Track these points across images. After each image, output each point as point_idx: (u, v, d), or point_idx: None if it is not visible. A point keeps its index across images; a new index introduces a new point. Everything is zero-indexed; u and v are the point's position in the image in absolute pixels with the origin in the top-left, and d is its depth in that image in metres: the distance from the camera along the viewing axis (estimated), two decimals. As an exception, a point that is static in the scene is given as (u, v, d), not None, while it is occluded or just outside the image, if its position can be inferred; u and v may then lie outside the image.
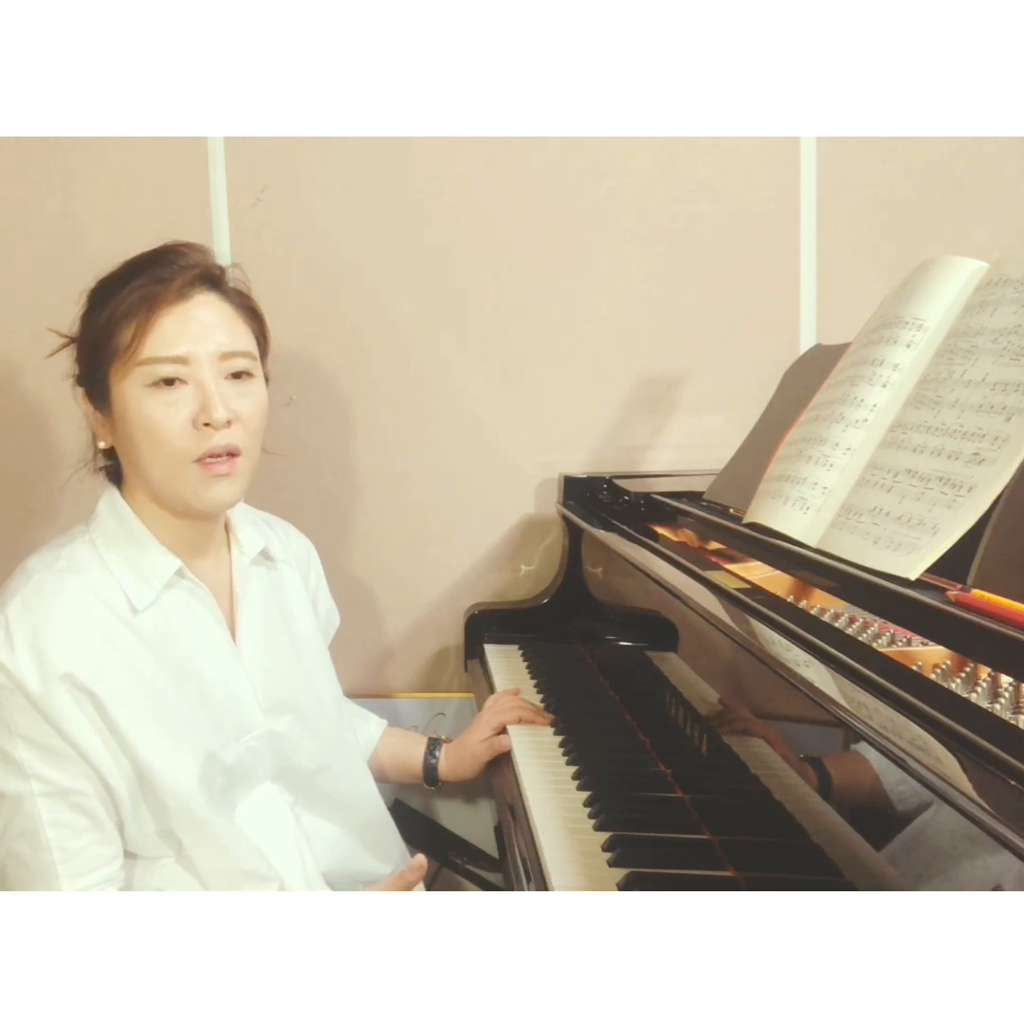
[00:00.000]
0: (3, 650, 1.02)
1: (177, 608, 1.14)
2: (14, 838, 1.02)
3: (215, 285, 1.14)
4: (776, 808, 0.92)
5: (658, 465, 1.90)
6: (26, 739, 1.01)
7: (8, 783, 1.02)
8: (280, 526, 1.39)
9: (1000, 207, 1.84)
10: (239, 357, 1.12)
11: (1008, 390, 0.94)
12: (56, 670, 1.02)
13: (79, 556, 1.11)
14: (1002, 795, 0.60)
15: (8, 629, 1.03)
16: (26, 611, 1.04)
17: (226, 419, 1.08)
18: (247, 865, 1.11)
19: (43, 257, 1.81)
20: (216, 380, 1.09)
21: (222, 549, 1.23)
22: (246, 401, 1.12)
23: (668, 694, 1.27)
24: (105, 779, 1.04)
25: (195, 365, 1.08)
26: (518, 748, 1.34)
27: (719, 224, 1.85)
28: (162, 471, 1.10)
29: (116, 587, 1.10)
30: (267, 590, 1.27)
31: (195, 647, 1.14)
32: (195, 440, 1.08)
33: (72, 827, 1.03)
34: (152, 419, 1.08)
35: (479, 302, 1.86)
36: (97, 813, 1.04)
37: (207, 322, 1.11)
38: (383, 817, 1.35)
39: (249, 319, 1.17)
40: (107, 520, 1.15)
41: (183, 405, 1.08)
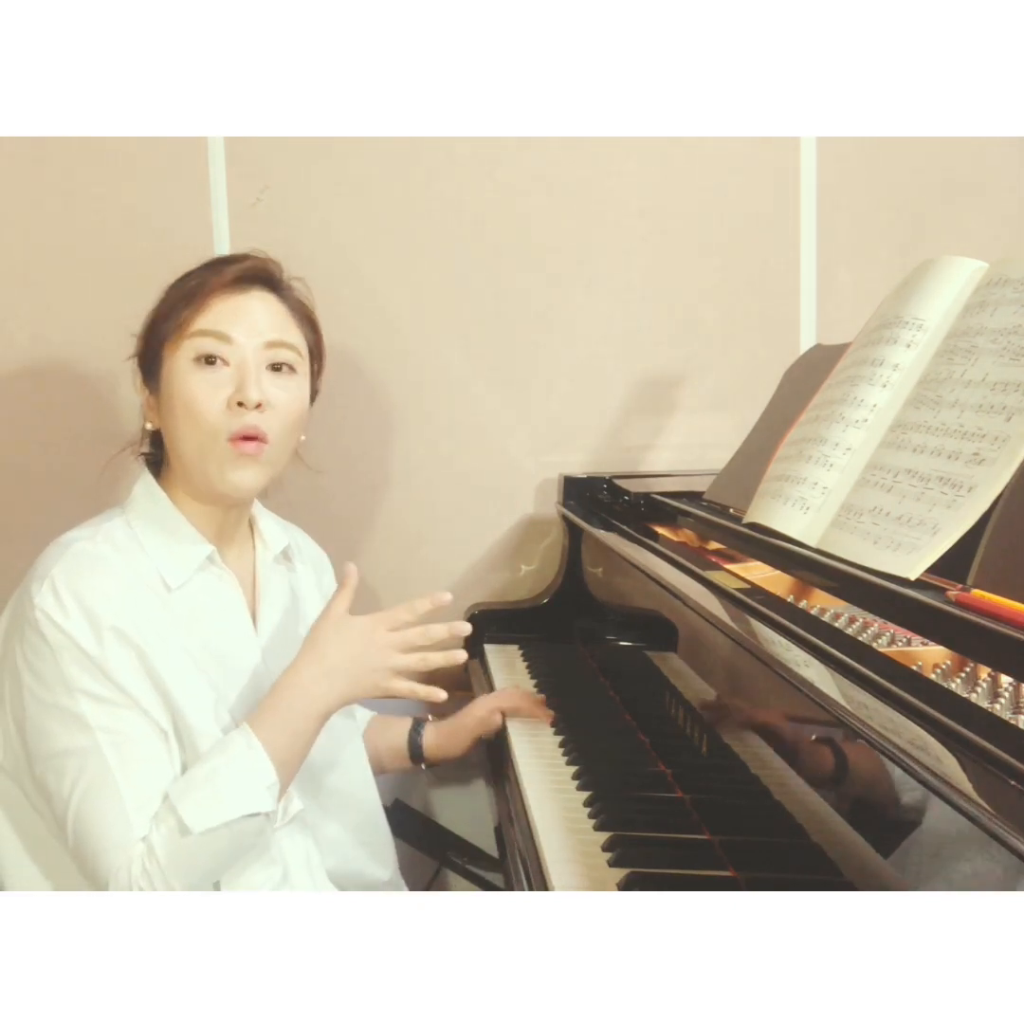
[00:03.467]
0: (56, 610, 1.05)
1: (206, 591, 1.18)
2: (84, 795, 1.03)
3: (273, 287, 1.19)
4: (776, 808, 0.92)
5: (658, 465, 1.90)
6: (87, 694, 1.04)
7: (74, 739, 1.04)
8: (299, 534, 1.41)
9: (1000, 207, 1.84)
10: (283, 348, 1.16)
11: (1008, 390, 0.94)
12: (106, 623, 1.05)
13: (116, 533, 1.15)
14: (1002, 795, 0.60)
15: (55, 589, 1.06)
16: (72, 574, 1.07)
17: (257, 400, 1.12)
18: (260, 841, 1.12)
19: (43, 257, 1.81)
20: (257, 365, 1.14)
21: (247, 543, 1.27)
22: (283, 393, 1.16)
23: (668, 694, 1.27)
24: (159, 724, 1.07)
25: (238, 346, 1.13)
26: (518, 748, 1.34)
27: (719, 224, 1.85)
28: (194, 448, 1.14)
29: (151, 565, 1.14)
30: (285, 588, 1.30)
31: (221, 629, 1.18)
32: (227, 418, 1.12)
33: (138, 773, 1.04)
34: (192, 394, 1.12)
35: (479, 302, 1.85)
36: (157, 757, 1.06)
37: (258, 313, 1.16)
38: (380, 819, 1.35)
39: (303, 325, 1.22)
40: (143, 502, 1.18)
41: (222, 386, 1.12)
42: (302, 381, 1.20)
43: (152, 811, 1.03)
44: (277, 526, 1.33)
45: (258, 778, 1.05)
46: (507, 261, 1.85)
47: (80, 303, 1.78)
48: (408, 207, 1.83)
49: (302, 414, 1.19)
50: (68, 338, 1.78)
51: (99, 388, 1.77)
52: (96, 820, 1.03)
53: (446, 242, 1.84)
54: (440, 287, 1.85)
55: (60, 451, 1.80)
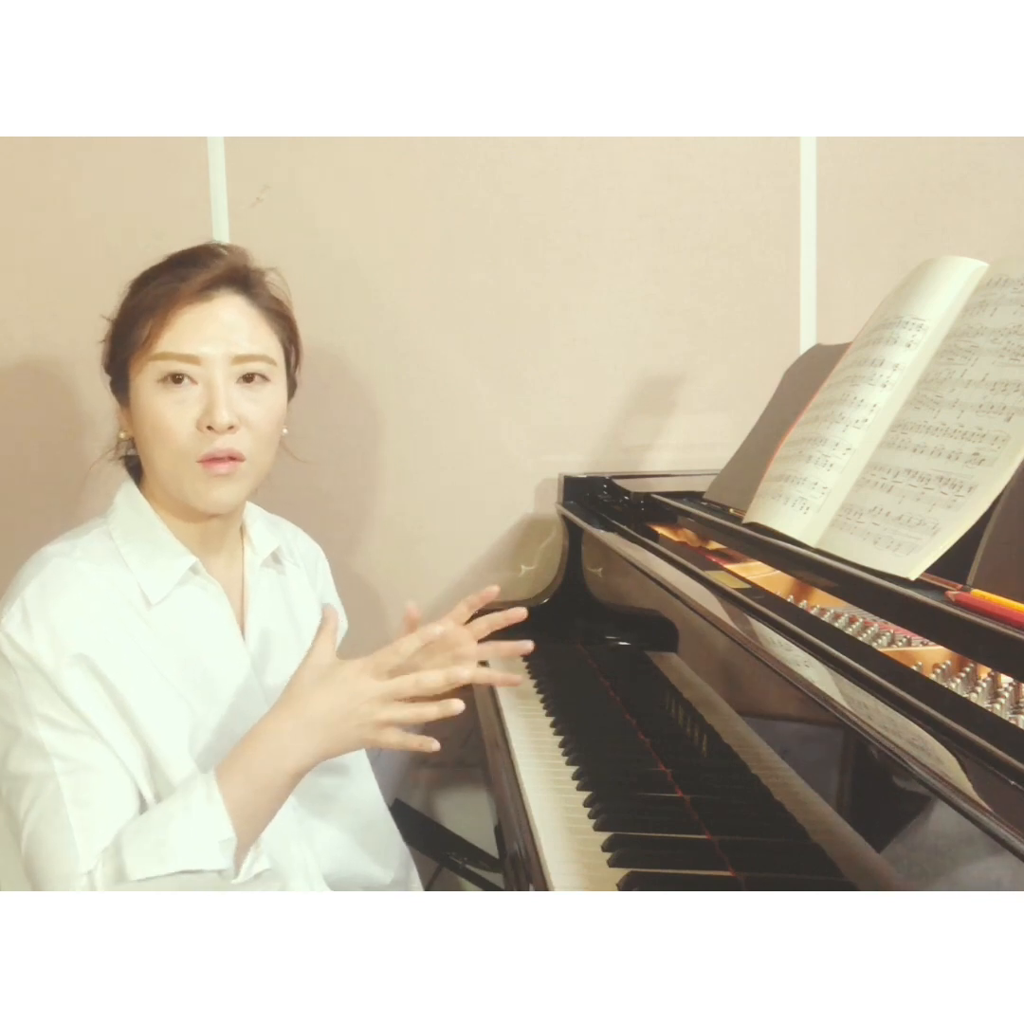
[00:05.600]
0: (20, 631, 1.03)
1: (189, 604, 1.15)
2: (38, 820, 1.02)
3: (243, 287, 1.13)
4: (776, 808, 0.92)
5: (658, 465, 1.90)
6: (47, 719, 1.02)
7: (32, 765, 1.02)
8: (290, 530, 1.39)
9: (1000, 207, 1.84)
10: (254, 360, 1.11)
11: (1008, 390, 0.94)
12: (70, 650, 1.02)
13: (96, 547, 1.12)
14: (1002, 795, 0.60)
15: (25, 610, 1.04)
16: (43, 593, 1.05)
17: (228, 423, 1.07)
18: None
19: (43, 257, 1.81)
20: (226, 383, 1.09)
21: (236, 548, 1.24)
22: (256, 407, 1.11)
23: (668, 694, 1.27)
24: (120, 758, 1.04)
25: (206, 365, 1.08)
26: (518, 749, 1.34)
27: (719, 224, 1.85)
28: (168, 468, 1.11)
29: (131, 580, 1.11)
30: (276, 592, 1.27)
31: (205, 643, 1.15)
32: (198, 441, 1.08)
33: (92, 804, 1.02)
34: (160, 416, 1.09)
35: (479, 302, 1.85)
36: (119, 790, 1.04)
37: (225, 323, 1.10)
38: (386, 821, 1.33)
39: (276, 324, 1.16)
40: (124, 512, 1.16)
41: (190, 405, 1.08)
42: (277, 387, 1.15)
43: (103, 845, 1.00)
44: (266, 528, 1.29)
45: (212, 833, 0.98)
46: (507, 261, 1.85)
47: (80, 303, 1.78)
48: (408, 207, 1.83)
49: (279, 420, 1.15)
50: (68, 338, 1.77)
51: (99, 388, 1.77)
52: (45, 849, 1.01)
53: (446, 242, 1.84)
54: (440, 286, 1.85)
55: (61, 452, 1.80)
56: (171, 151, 1.78)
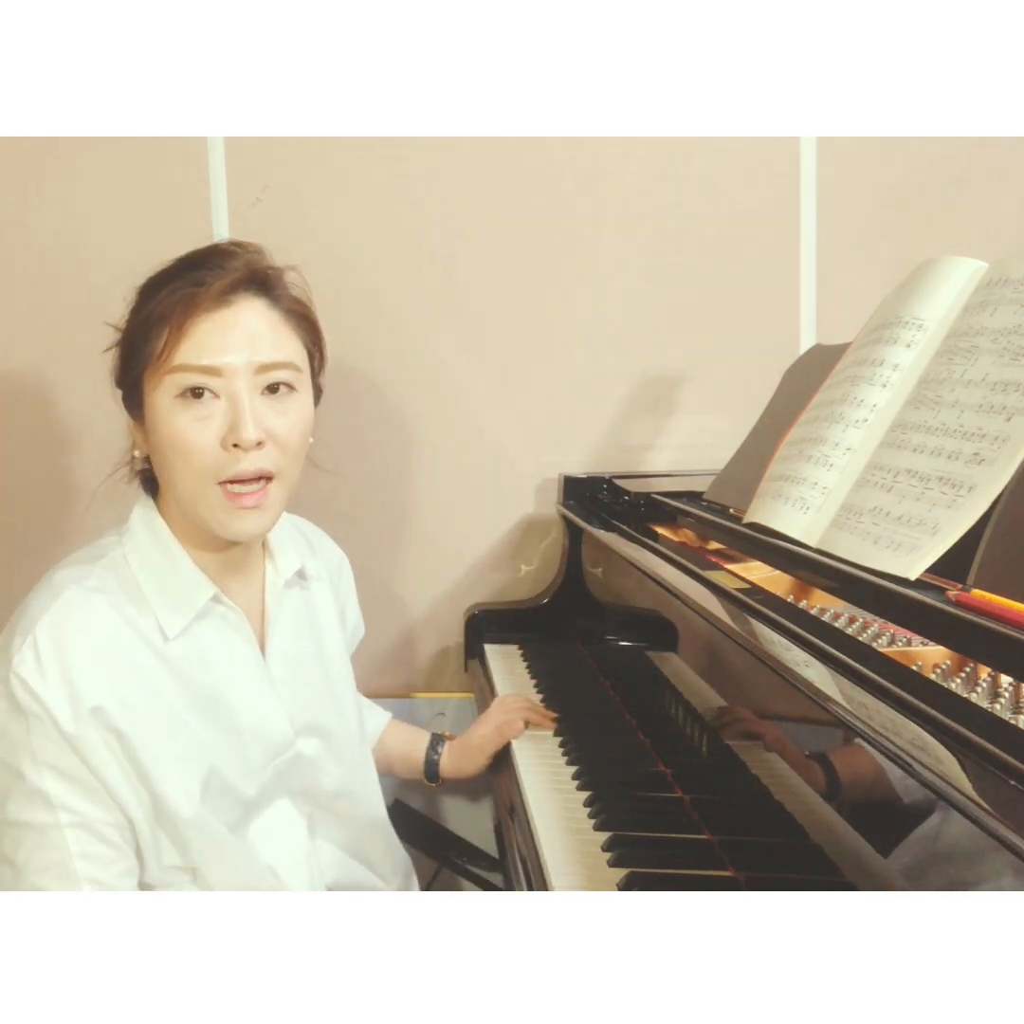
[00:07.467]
0: (34, 676, 0.96)
1: (209, 634, 1.09)
2: (39, 871, 0.97)
3: (262, 290, 1.06)
4: (776, 808, 0.92)
5: (658, 465, 1.90)
6: (54, 769, 0.97)
7: (34, 814, 0.97)
8: (315, 536, 1.34)
9: (1000, 207, 1.84)
10: (279, 369, 1.04)
11: (1008, 390, 0.94)
12: (87, 703, 0.97)
13: (111, 575, 1.05)
14: (1002, 795, 0.60)
15: (37, 652, 0.97)
16: (55, 634, 0.98)
17: (256, 440, 1.00)
18: (260, 888, 1.09)
19: (43, 257, 1.81)
20: (251, 395, 1.02)
21: (257, 565, 1.18)
22: (283, 419, 1.04)
23: (668, 694, 1.27)
24: (126, 811, 1.00)
25: (228, 378, 1.01)
26: (518, 749, 1.34)
27: (719, 224, 1.85)
28: (188, 490, 1.03)
29: (148, 612, 1.05)
30: (299, 611, 1.22)
31: (225, 673, 1.10)
32: (223, 461, 1.01)
33: (100, 858, 0.99)
34: (180, 433, 1.01)
35: (479, 302, 1.85)
36: (121, 844, 1.01)
37: (247, 330, 1.03)
38: (390, 838, 1.33)
39: (299, 328, 1.09)
40: (141, 534, 1.09)
41: (213, 421, 1.01)
42: (303, 396, 1.08)
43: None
44: (290, 544, 1.22)
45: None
46: (507, 261, 1.85)
47: (80, 303, 1.78)
48: (408, 207, 1.83)
49: (307, 432, 1.08)
50: (68, 337, 1.77)
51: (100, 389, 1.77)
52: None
53: (446, 242, 1.84)
54: (440, 287, 1.85)
55: (61, 453, 1.80)
56: (171, 151, 1.78)
